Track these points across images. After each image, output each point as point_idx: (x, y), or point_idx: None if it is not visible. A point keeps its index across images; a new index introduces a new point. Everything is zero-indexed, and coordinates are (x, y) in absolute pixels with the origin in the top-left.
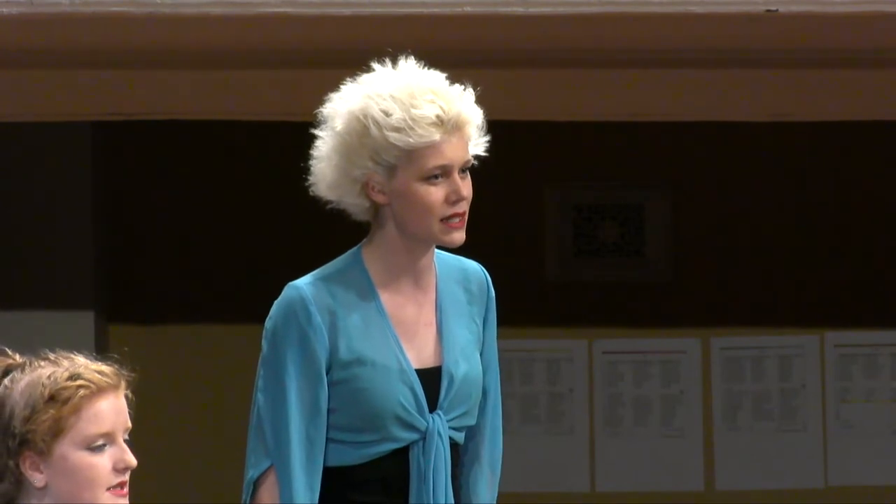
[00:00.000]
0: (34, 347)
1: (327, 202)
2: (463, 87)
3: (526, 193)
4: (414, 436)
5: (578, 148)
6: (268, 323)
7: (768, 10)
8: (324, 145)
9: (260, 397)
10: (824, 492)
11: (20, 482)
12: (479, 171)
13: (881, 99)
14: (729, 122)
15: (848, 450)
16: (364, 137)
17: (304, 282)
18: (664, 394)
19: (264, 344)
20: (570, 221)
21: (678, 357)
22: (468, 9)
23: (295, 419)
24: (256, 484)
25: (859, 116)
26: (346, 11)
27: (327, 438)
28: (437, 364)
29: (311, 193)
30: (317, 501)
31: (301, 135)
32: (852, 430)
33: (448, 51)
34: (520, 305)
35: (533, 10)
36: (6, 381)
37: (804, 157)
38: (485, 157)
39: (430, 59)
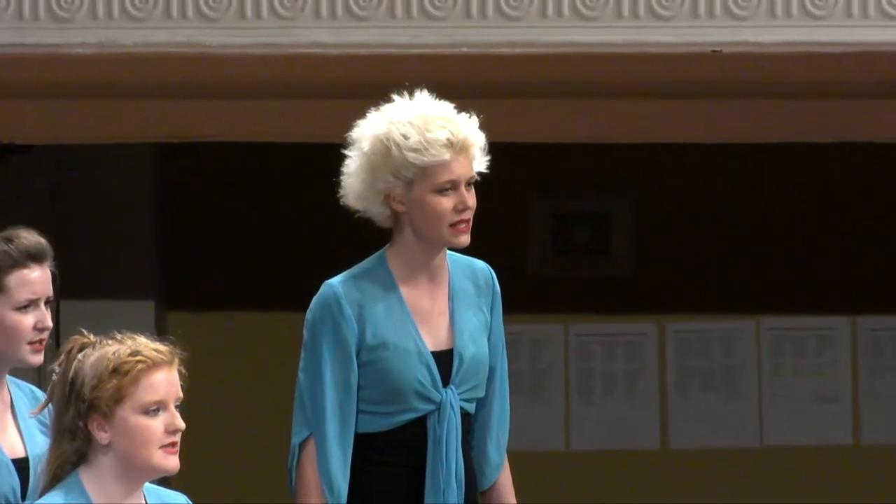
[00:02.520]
0: (104, 331)
1: (356, 211)
2: (469, 115)
3: (514, 203)
4: (430, 407)
5: (558, 165)
6: (308, 315)
7: (714, 51)
8: (352, 163)
9: (301, 377)
10: (760, 450)
11: (90, 440)
12: (476, 185)
13: (808, 124)
14: (682, 143)
15: (779, 415)
16: (386, 157)
17: (337, 280)
18: (628, 369)
19: (305, 333)
20: (550, 226)
21: (639, 339)
22: (465, 49)
23: (330, 395)
24: (299, 449)
25: (789, 139)
26: (363, 52)
27: (358, 410)
28: (449, 347)
29: (341, 203)
30: (349, 463)
31: (333, 154)
32: (783, 399)
33: (447, 85)
34: (508, 296)
35: (518, 50)
36: (80, 355)
37: (743, 173)
38: (480, 173)
39: (431, 91)
